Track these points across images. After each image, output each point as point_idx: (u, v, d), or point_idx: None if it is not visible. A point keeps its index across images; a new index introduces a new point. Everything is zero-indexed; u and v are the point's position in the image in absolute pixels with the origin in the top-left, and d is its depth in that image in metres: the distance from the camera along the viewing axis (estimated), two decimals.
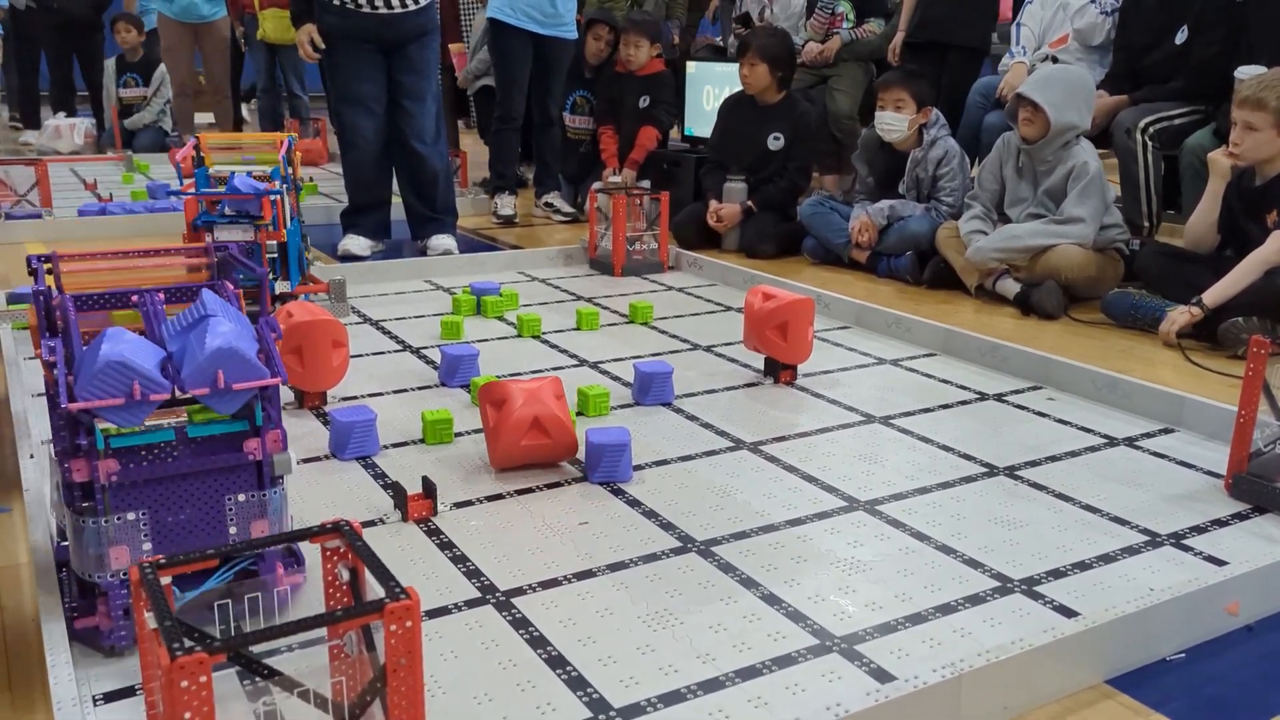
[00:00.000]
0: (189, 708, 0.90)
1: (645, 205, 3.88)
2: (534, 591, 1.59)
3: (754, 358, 2.75)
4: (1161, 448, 2.23)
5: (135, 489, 1.36)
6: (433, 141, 4.05)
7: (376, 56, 3.89)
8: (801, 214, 4.15)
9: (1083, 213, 3.34)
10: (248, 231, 2.90)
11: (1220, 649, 1.51)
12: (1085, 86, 3.46)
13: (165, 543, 1.39)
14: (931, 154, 3.84)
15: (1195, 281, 3.01)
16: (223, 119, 7.56)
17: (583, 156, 5.37)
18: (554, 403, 2.01)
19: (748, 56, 4.29)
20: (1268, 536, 1.82)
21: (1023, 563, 1.70)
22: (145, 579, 1.02)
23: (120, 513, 1.35)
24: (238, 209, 2.76)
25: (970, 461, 2.13)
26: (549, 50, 4.78)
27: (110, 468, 1.33)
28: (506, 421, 1.98)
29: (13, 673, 1.42)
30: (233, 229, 2.86)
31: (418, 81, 3.97)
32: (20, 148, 7.34)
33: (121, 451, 1.34)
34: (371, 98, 3.92)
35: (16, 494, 1.89)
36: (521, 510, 1.87)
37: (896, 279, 3.80)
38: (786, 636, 1.47)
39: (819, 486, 2.00)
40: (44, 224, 4.49)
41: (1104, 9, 4.13)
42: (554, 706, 1.31)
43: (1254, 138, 2.97)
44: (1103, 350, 2.94)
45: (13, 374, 2.49)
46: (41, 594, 1.45)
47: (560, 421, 2.00)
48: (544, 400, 2.00)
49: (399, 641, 1.00)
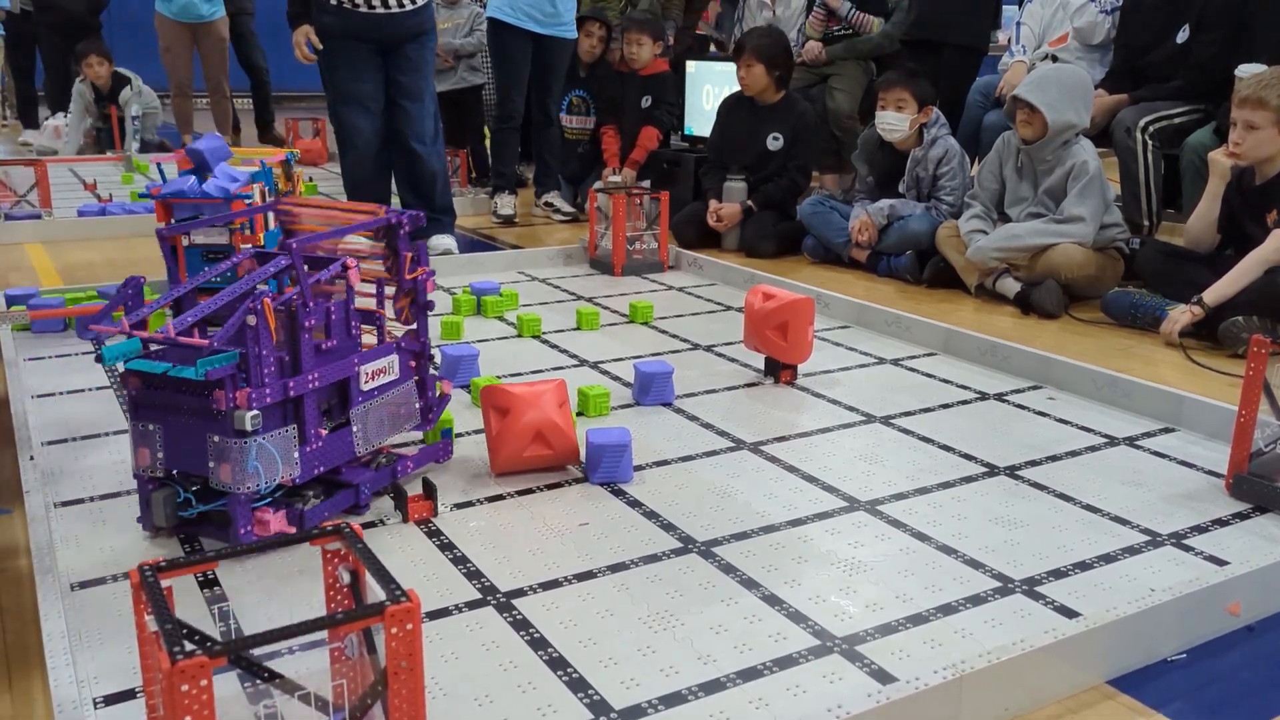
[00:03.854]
0: (190, 711, 0.90)
1: (645, 205, 3.87)
2: (535, 593, 1.59)
3: (754, 357, 2.75)
4: (1162, 447, 2.23)
5: (150, 408, 1.68)
6: (431, 141, 4.05)
7: (374, 56, 3.89)
8: (801, 213, 4.15)
9: (1083, 212, 3.34)
10: (223, 234, 2.85)
11: (1221, 649, 1.51)
12: (1082, 85, 3.46)
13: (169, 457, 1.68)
14: (931, 153, 3.84)
15: (1195, 280, 3.01)
16: (221, 120, 7.55)
17: (582, 156, 5.38)
18: (557, 412, 1.98)
19: (744, 58, 4.29)
20: (1269, 536, 1.82)
21: (1023, 563, 1.70)
22: (145, 581, 1.02)
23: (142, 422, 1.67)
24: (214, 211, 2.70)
25: (971, 461, 2.13)
26: (548, 50, 4.78)
27: (134, 384, 1.68)
28: (510, 431, 1.96)
29: (13, 675, 1.42)
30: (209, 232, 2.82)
31: (415, 81, 3.97)
32: (19, 148, 7.34)
33: (140, 373, 1.66)
34: (369, 97, 3.92)
35: (17, 495, 1.89)
36: (522, 511, 1.87)
37: (896, 278, 3.80)
38: (787, 637, 1.47)
39: (819, 487, 1.99)
40: (44, 224, 4.49)
41: (1104, 8, 4.13)
42: (555, 708, 1.31)
43: (1254, 137, 2.97)
44: (1103, 349, 2.94)
45: (13, 374, 2.49)
46: (42, 594, 1.45)
47: (563, 432, 1.98)
48: (547, 411, 1.97)
49: (400, 644, 1.00)
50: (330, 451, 1.77)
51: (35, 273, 3.82)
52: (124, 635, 1.44)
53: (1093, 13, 4.14)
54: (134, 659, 1.28)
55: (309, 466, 1.73)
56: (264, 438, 1.63)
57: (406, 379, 1.94)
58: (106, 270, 3.84)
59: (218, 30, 7.24)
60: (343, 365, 1.78)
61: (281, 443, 1.66)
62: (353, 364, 1.80)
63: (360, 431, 1.83)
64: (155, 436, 1.67)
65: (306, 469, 1.72)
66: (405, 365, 1.94)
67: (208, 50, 7.25)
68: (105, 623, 1.49)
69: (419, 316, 1.96)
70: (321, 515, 1.77)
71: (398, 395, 1.92)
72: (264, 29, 7.97)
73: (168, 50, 7.15)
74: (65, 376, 2.57)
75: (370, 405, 1.84)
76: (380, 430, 1.88)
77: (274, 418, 1.66)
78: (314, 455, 1.73)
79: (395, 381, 1.91)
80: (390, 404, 1.90)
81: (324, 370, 1.73)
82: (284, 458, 1.67)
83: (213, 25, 7.18)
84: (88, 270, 3.85)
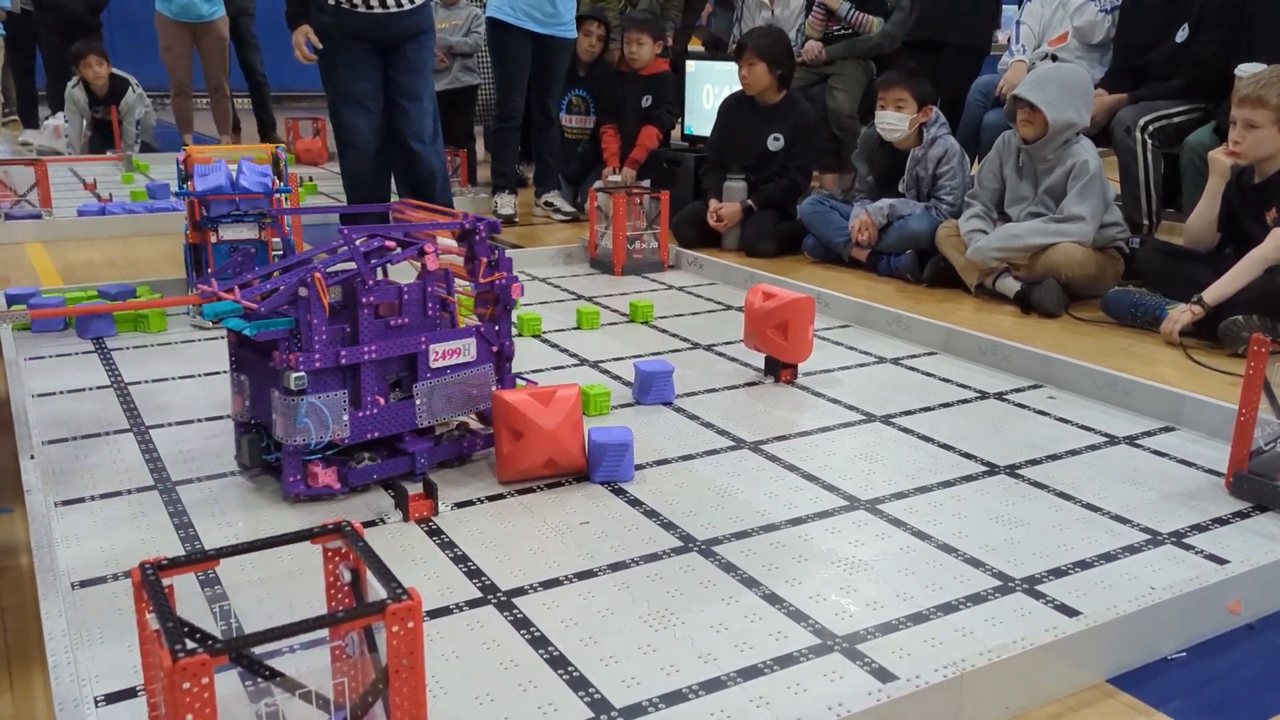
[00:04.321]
0: (191, 709, 0.90)
1: (645, 204, 3.88)
2: (535, 591, 1.59)
3: (754, 357, 2.75)
4: (1162, 446, 2.23)
5: (242, 363, 1.92)
6: (430, 140, 4.05)
7: (373, 56, 3.89)
8: (801, 213, 4.15)
9: (1083, 211, 3.34)
10: (252, 229, 2.92)
11: (1222, 647, 1.51)
12: (1081, 84, 3.46)
13: (253, 407, 1.91)
14: (931, 152, 3.84)
15: (1195, 279, 3.01)
16: (221, 120, 7.55)
17: (582, 156, 5.38)
18: (570, 436, 1.96)
19: (746, 57, 4.29)
20: (1269, 535, 1.82)
21: (1024, 561, 1.70)
22: (146, 579, 1.02)
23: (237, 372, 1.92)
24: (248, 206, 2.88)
25: (971, 460, 2.13)
26: (548, 49, 4.78)
27: (231, 339, 1.92)
28: (522, 453, 1.94)
29: (14, 673, 1.42)
30: (238, 227, 2.89)
31: (414, 80, 3.97)
32: (19, 148, 7.34)
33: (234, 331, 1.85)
34: (369, 97, 3.92)
35: (17, 495, 1.89)
36: (523, 510, 1.87)
37: (896, 278, 3.80)
38: (788, 636, 1.47)
39: (820, 485, 2.00)
40: (44, 224, 4.49)
41: (1103, 7, 4.13)
42: (555, 706, 1.31)
43: (1254, 136, 2.97)
44: (1103, 348, 2.94)
45: (13, 374, 2.49)
46: (43, 593, 1.45)
47: (573, 455, 1.97)
48: (562, 440, 1.94)
49: (401, 642, 1.00)
50: (388, 419, 1.91)
51: (35, 272, 3.82)
52: (125, 633, 1.44)
53: (1092, 12, 4.14)
54: (135, 657, 1.28)
55: (360, 430, 1.87)
56: (317, 398, 1.80)
57: (484, 363, 2.02)
58: (106, 270, 3.84)
59: (217, 30, 7.23)
60: (408, 342, 1.90)
61: (333, 404, 1.82)
62: (419, 341, 1.90)
63: (424, 405, 1.93)
64: (245, 387, 1.91)
65: (357, 431, 1.87)
66: (484, 350, 2.02)
67: (207, 50, 7.25)
68: (106, 621, 1.49)
69: (502, 317, 2.05)
70: (369, 476, 1.91)
71: (471, 376, 2.00)
72: (264, 29, 7.97)
73: (168, 50, 7.15)
74: (65, 376, 2.57)
75: (437, 382, 1.94)
76: (447, 407, 1.97)
77: (330, 381, 1.83)
78: (367, 420, 1.88)
79: (470, 364, 2.00)
80: (462, 383, 1.99)
81: (385, 344, 1.87)
82: (335, 419, 1.82)
83: (212, 25, 7.18)
84: (87, 270, 3.85)
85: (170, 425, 2.26)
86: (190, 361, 2.71)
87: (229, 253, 2.86)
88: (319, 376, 1.81)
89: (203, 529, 1.79)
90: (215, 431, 2.22)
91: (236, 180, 2.93)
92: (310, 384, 1.79)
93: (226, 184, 2.90)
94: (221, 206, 2.89)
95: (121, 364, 2.68)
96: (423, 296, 1.93)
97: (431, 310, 1.94)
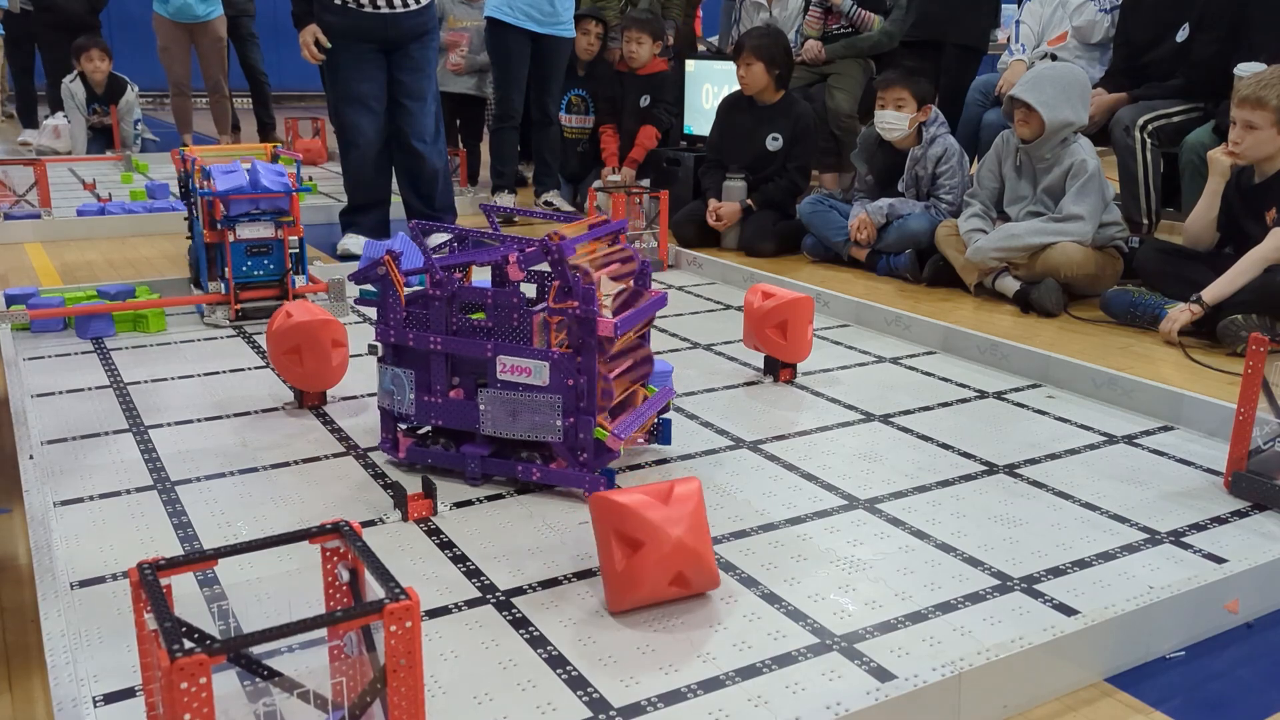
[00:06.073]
0: (189, 709, 0.90)
1: (645, 204, 3.88)
2: (534, 591, 1.59)
3: (754, 356, 2.76)
4: (1161, 445, 2.23)
5: None
6: (432, 140, 4.05)
7: (377, 56, 3.89)
8: (801, 212, 4.15)
9: (1082, 210, 3.34)
10: (269, 228, 2.93)
11: (1220, 646, 1.51)
12: (1078, 83, 3.46)
13: None
14: (931, 152, 3.84)
15: (1194, 279, 3.01)
16: (220, 119, 7.55)
17: (581, 155, 5.38)
18: (699, 541, 1.51)
19: (743, 57, 4.28)
20: (1267, 534, 1.82)
21: (1022, 561, 1.70)
22: (144, 579, 1.02)
23: None
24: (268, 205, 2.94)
25: (970, 459, 2.13)
26: (547, 49, 4.78)
27: None
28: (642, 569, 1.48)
29: (13, 673, 1.42)
30: (256, 225, 2.91)
31: (418, 80, 3.97)
32: (19, 148, 7.34)
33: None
34: (372, 97, 3.92)
35: (16, 494, 1.89)
36: (521, 510, 1.87)
37: (896, 277, 3.80)
38: (786, 635, 1.47)
39: (819, 485, 2.00)
40: (43, 224, 4.48)
41: (1103, 6, 4.13)
42: (554, 706, 1.31)
43: (1254, 136, 2.97)
44: (1102, 348, 2.94)
45: (12, 374, 2.49)
46: (41, 593, 1.45)
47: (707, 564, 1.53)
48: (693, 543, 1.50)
49: (399, 642, 1.00)
50: (452, 412, 1.96)
51: (35, 272, 3.82)
52: (123, 634, 1.44)
53: (1092, 11, 4.14)
54: (133, 657, 1.28)
55: (424, 414, 1.96)
56: (400, 371, 1.96)
57: (555, 393, 1.86)
58: (106, 270, 3.84)
59: (214, 30, 7.23)
60: (475, 344, 1.90)
61: (401, 380, 1.96)
62: (485, 347, 1.89)
63: (487, 412, 1.92)
64: None
65: (421, 414, 1.97)
66: (559, 380, 1.86)
67: (205, 50, 7.25)
68: (105, 621, 1.49)
69: (583, 352, 1.85)
70: (425, 459, 2.01)
71: (536, 401, 1.87)
72: (264, 30, 7.97)
73: (165, 50, 7.15)
74: (65, 376, 2.57)
75: (501, 394, 1.90)
76: (508, 424, 1.91)
77: (404, 359, 1.97)
78: (430, 407, 1.96)
79: (538, 388, 1.87)
80: (524, 405, 1.88)
81: (452, 340, 1.92)
82: (407, 394, 1.96)
83: (209, 25, 7.18)
84: (87, 270, 3.85)
85: (169, 425, 2.26)
86: (190, 361, 2.71)
87: (246, 252, 2.90)
88: (399, 352, 1.97)
89: (201, 529, 1.79)
90: (214, 431, 2.22)
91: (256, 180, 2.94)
92: (391, 356, 1.97)
93: (247, 184, 2.91)
94: (242, 206, 2.90)
95: (121, 364, 2.68)
96: (510, 305, 1.87)
97: (518, 320, 1.87)
